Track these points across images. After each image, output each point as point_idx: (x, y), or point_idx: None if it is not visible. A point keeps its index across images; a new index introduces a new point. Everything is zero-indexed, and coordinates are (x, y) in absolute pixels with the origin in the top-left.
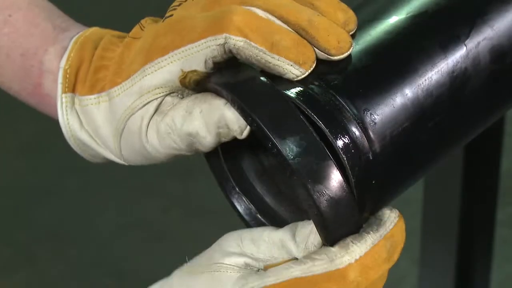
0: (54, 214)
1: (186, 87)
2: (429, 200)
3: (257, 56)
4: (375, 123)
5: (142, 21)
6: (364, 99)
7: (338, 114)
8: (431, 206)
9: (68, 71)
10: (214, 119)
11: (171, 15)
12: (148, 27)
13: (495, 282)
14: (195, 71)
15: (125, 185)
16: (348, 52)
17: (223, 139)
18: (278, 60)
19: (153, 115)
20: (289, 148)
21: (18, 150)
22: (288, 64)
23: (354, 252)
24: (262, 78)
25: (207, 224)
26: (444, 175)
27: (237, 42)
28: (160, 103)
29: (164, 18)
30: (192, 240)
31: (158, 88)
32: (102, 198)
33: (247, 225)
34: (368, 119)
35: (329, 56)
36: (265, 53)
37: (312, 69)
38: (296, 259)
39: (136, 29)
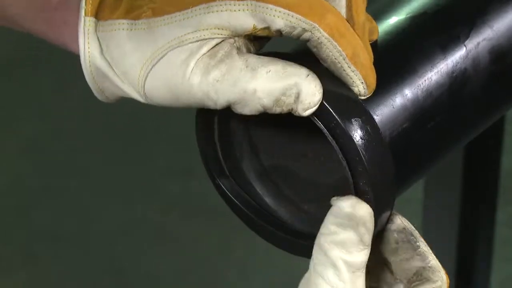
0: (54, 214)
1: (247, 40)
2: (429, 200)
3: (336, 59)
4: (376, 122)
5: None
6: (363, 99)
7: None
8: (431, 206)
9: None
10: (284, 85)
11: None
12: None
13: (495, 282)
14: (267, 28)
15: (125, 185)
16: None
17: (276, 109)
18: (353, 72)
19: (204, 55)
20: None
21: (18, 151)
22: (359, 80)
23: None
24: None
25: (207, 224)
26: (444, 175)
27: (322, 37)
28: (216, 44)
29: None
30: (192, 240)
31: (219, 29)
32: (102, 198)
33: (246, 223)
34: None
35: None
36: (344, 59)
37: (369, 94)
38: None
39: None
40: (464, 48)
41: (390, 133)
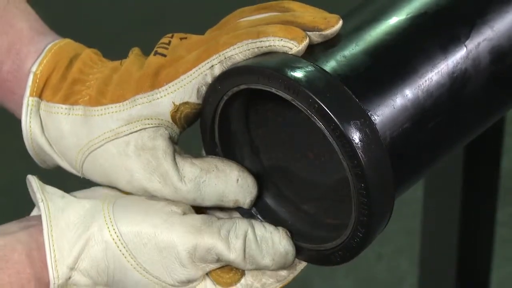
0: None
1: (176, 124)
2: (429, 200)
3: (248, 48)
4: (375, 124)
5: (131, 51)
6: (364, 100)
7: None
8: (431, 206)
9: (38, 76)
10: (218, 196)
11: (163, 54)
12: (136, 57)
13: (495, 282)
14: (187, 103)
15: None
16: (338, 25)
17: (224, 205)
18: (268, 40)
19: (144, 148)
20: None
21: (18, 150)
22: (278, 40)
23: None
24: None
25: None
26: (444, 175)
27: (227, 52)
28: (152, 136)
29: (154, 53)
30: None
31: (148, 119)
32: None
33: None
34: None
35: (321, 33)
36: (253, 42)
37: (305, 44)
38: None
39: (128, 59)
40: (465, 48)
41: (390, 133)
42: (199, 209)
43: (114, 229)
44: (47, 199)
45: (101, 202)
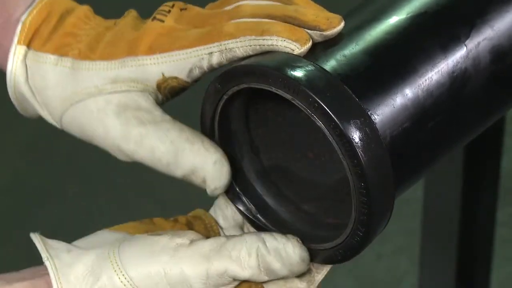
0: (54, 215)
1: (160, 93)
2: (429, 200)
3: (250, 45)
4: (375, 123)
5: (127, 12)
6: (364, 99)
7: None
8: (431, 206)
9: (27, 25)
10: (192, 165)
11: (161, 20)
12: (133, 19)
13: (495, 282)
14: (176, 78)
15: (125, 185)
16: (340, 26)
17: (192, 180)
18: (271, 39)
19: (126, 108)
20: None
21: (18, 151)
22: (281, 40)
23: None
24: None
25: None
26: (444, 175)
27: (229, 44)
28: (134, 97)
29: (152, 18)
30: None
31: (134, 82)
32: (102, 198)
33: (248, 222)
34: None
35: (322, 33)
36: (256, 39)
37: (307, 46)
38: None
39: (123, 19)
40: (465, 48)
41: (390, 132)
42: (206, 228)
43: (123, 275)
44: (52, 256)
45: (106, 249)
